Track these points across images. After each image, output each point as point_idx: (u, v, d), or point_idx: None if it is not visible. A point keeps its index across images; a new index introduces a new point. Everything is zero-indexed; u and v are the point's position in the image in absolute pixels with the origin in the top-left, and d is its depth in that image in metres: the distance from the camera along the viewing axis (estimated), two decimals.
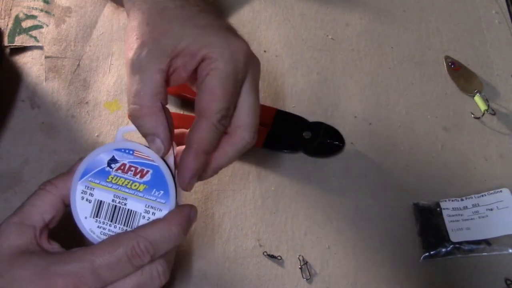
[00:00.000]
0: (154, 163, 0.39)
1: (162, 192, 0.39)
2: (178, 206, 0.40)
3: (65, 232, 0.40)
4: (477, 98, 0.62)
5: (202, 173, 0.41)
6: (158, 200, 0.39)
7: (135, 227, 0.39)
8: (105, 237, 0.38)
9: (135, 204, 0.39)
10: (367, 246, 0.55)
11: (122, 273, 0.36)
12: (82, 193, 0.39)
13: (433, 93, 0.64)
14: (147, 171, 0.39)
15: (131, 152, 0.40)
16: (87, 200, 0.39)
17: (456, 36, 0.68)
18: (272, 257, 0.54)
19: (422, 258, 0.54)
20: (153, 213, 0.39)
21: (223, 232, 0.55)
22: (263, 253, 0.54)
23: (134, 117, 0.39)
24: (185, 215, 0.38)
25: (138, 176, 0.39)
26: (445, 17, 0.69)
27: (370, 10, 0.69)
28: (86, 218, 0.39)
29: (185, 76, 0.41)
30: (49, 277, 0.34)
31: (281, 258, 0.54)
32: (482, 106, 0.62)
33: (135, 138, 0.43)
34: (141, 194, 0.39)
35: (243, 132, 0.42)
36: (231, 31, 0.41)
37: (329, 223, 0.56)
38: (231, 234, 0.55)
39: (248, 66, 0.41)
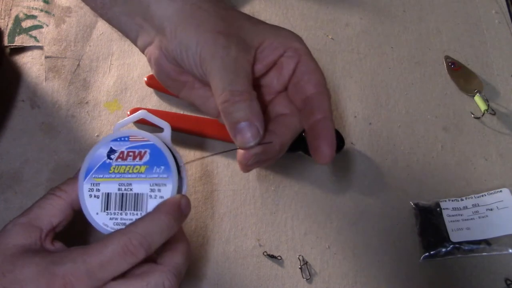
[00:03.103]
0: (149, 142, 0.40)
1: (163, 167, 0.39)
2: (168, 198, 0.40)
3: (69, 229, 0.40)
4: (477, 98, 0.62)
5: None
6: (161, 176, 0.39)
7: (145, 208, 0.39)
8: (119, 227, 0.39)
9: (140, 187, 0.39)
10: (367, 246, 0.55)
11: (117, 271, 0.36)
12: (89, 191, 0.39)
13: (433, 93, 0.64)
14: (145, 152, 0.40)
15: (126, 138, 0.40)
16: (95, 196, 0.39)
17: (456, 36, 0.68)
18: (272, 257, 0.54)
19: (422, 258, 0.54)
20: (158, 189, 0.39)
21: (223, 232, 0.55)
22: (263, 253, 0.54)
23: (232, 102, 0.38)
24: (174, 203, 0.38)
25: (137, 159, 0.40)
26: (445, 17, 0.69)
27: (370, 10, 0.69)
28: (97, 214, 0.39)
29: (261, 68, 0.42)
30: (49, 277, 0.35)
31: (281, 258, 0.54)
32: (482, 106, 0.62)
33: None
34: (143, 176, 0.39)
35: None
36: None
37: (329, 223, 0.56)
38: (231, 234, 0.55)
39: None
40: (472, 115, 0.62)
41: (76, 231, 0.41)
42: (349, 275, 0.53)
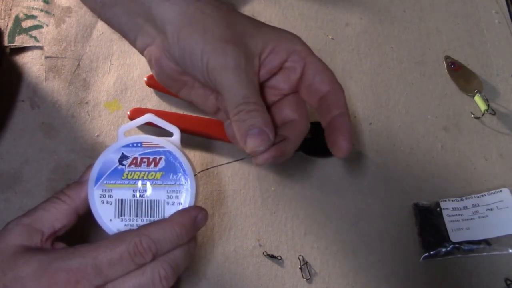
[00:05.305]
0: (164, 149, 0.40)
1: (179, 174, 0.40)
2: (186, 207, 0.40)
3: (69, 231, 0.40)
4: (477, 98, 0.62)
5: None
6: (178, 183, 0.39)
7: (162, 215, 0.39)
8: None
9: (156, 193, 0.39)
10: (367, 246, 0.55)
11: (123, 270, 0.36)
12: (100, 197, 0.39)
13: (433, 93, 0.64)
14: (160, 158, 0.40)
15: (139, 144, 0.40)
16: (107, 202, 0.39)
17: (456, 36, 0.68)
18: (272, 257, 0.54)
19: (422, 258, 0.54)
20: (176, 196, 0.39)
21: (223, 232, 0.55)
22: (263, 253, 0.54)
23: (247, 111, 0.39)
24: (191, 216, 0.38)
25: (152, 165, 0.40)
26: (445, 17, 0.69)
27: (370, 10, 0.69)
28: (111, 220, 0.39)
29: (265, 73, 0.43)
30: (52, 272, 0.35)
31: (281, 258, 0.54)
32: (482, 106, 0.62)
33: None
34: (159, 182, 0.39)
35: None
36: None
37: (329, 223, 0.56)
38: (231, 234, 0.55)
39: None
40: (472, 115, 0.62)
41: (74, 231, 0.41)
42: (349, 275, 0.53)
